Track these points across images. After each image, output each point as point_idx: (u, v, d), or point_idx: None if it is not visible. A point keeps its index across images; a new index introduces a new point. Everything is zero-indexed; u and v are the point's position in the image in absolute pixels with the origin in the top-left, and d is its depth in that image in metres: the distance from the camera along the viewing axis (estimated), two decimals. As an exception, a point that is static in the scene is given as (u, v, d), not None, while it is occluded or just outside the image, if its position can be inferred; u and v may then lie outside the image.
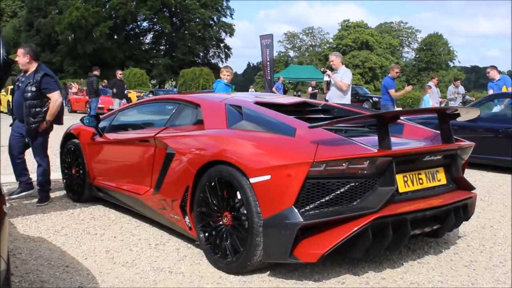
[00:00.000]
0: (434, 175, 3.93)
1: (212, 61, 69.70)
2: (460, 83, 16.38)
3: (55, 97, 5.66)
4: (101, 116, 5.74)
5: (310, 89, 29.63)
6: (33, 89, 5.57)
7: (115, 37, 63.23)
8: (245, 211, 3.52)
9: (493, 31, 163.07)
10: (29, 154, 6.05)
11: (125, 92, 19.21)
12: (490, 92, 11.38)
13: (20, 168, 6.06)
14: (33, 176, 6.15)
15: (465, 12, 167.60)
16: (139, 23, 67.31)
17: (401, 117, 4.44)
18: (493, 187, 7.23)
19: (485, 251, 4.31)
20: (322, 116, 4.69)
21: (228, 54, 70.37)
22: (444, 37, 76.78)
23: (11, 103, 5.69)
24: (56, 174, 7.36)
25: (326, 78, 8.84)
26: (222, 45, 70.83)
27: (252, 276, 3.62)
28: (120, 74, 17.43)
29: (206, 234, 3.88)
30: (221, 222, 3.76)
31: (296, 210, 3.28)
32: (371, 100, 33.14)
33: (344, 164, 3.30)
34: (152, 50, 68.62)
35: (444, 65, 74.65)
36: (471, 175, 4.24)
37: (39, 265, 3.83)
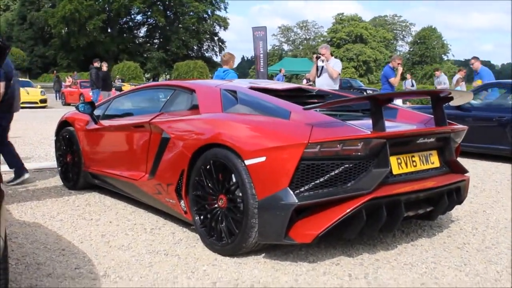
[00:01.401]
0: (428, 158, 3.97)
1: (206, 54, 69.73)
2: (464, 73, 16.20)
3: None
4: (96, 103, 5.75)
5: (304, 81, 29.61)
6: None
7: (109, 30, 63.19)
8: (240, 194, 3.55)
9: (487, 26, 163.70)
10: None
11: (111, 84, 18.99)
12: (479, 82, 11.40)
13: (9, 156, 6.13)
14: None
15: (459, 6, 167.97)
16: (132, 16, 67.29)
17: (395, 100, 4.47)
18: (486, 175, 7.29)
19: (478, 234, 4.36)
20: (316, 101, 4.72)
21: (222, 48, 70.36)
22: (438, 30, 76.96)
23: None
24: (51, 163, 7.41)
25: (319, 63, 8.91)
26: (216, 38, 70.86)
27: (247, 258, 3.65)
28: (106, 66, 17.37)
29: (201, 217, 3.90)
30: (216, 205, 3.78)
31: (291, 191, 3.31)
32: (365, 93, 33.30)
33: (338, 146, 3.33)
34: (146, 44, 68.58)
35: (438, 59, 74.83)
36: (464, 163, 4.28)
37: (35, 249, 3.85)
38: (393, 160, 3.66)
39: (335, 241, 3.97)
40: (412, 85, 21.16)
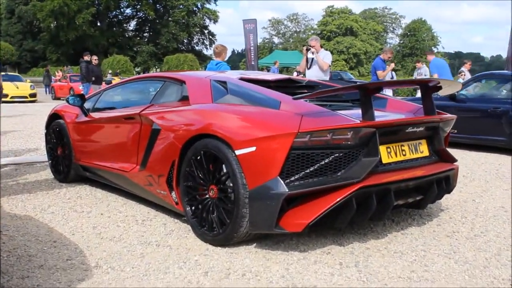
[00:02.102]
0: (417, 147, 4.00)
1: (196, 48, 69.43)
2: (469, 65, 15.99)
3: None
4: (86, 96, 5.73)
5: (295, 74, 29.65)
6: None
7: (98, 24, 62.70)
8: (231, 184, 3.56)
9: (477, 18, 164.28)
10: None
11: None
12: (435, 75, 11.51)
13: None
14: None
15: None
16: (122, 9, 66.74)
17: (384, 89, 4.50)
18: (475, 165, 7.35)
19: (467, 223, 4.40)
20: (306, 91, 4.73)
21: (213, 41, 70.06)
22: (428, 23, 77.08)
23: None
24: (41, 156, 7.39)
25: (310, 55, 8.94)
26: (206, 31, 70.52)
27: (239, 248, 3.67)
28: (95, 60, 17.21)
29: (193, 208, 3.91)
30: (207, 196, 3.80)
31: (281, 181, 3.33)
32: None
33: (328, 135, 3.35)
34: (136, 37, 68.14)
35: (428, 51, 74.93)
36: (453, 154, 4.34)
37: (26, 241, 3.84)
38: (382, 149, 3.68)
39: (326, 231, 4.00)
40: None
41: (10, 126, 11.92)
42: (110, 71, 38.06)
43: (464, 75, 14.77)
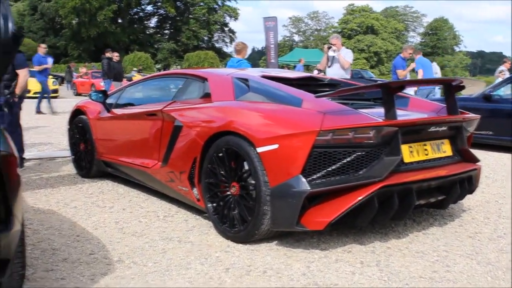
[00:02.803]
0: (439, 147, 3.97)
1: (217, 45, 69.54)
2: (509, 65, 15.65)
3: (24, 73, 5.82)
4: (108, 92, 5.79)
5: (315, 72, 29.53)
6: None
7: (119, 21, 63.09)
8: (252, 181, 3.57)
9: (499, 16, 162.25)
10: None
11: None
12: (420, 71, 11.69)
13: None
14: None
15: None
16: (143, 6, 67.06)
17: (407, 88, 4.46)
18: (498, 165, 7.27)
19: (490, 224, 4.36)
20: (328, 89, 4.72)
21: (233, 38, 70.13)
22: (450, 21, 76.41)
23: None
24: (63, 151, 7.49)
25: (331, 53, 8.91)
26: (226, 29, 70.60)
27: (260, 245, 3.69)
28: (117, 56, 17.25)
29: (214, 205, 3.93)
30: (229, 192, 3.81)
31: (303, 179, 3.33)
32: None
33: (350, 133, 3.34)
34: (157, 34, 68.48)
35: (450, 50, 74.28)
36: (476, 154, 4.30)
37: (50, 235, 3.90)
38: (404, 148, 3.66)
39: (347, 229, 3.99)
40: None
41: (33, 121, 12.09)
42: (135, 68, 38.43)
43: (504, 74, 14.45)
